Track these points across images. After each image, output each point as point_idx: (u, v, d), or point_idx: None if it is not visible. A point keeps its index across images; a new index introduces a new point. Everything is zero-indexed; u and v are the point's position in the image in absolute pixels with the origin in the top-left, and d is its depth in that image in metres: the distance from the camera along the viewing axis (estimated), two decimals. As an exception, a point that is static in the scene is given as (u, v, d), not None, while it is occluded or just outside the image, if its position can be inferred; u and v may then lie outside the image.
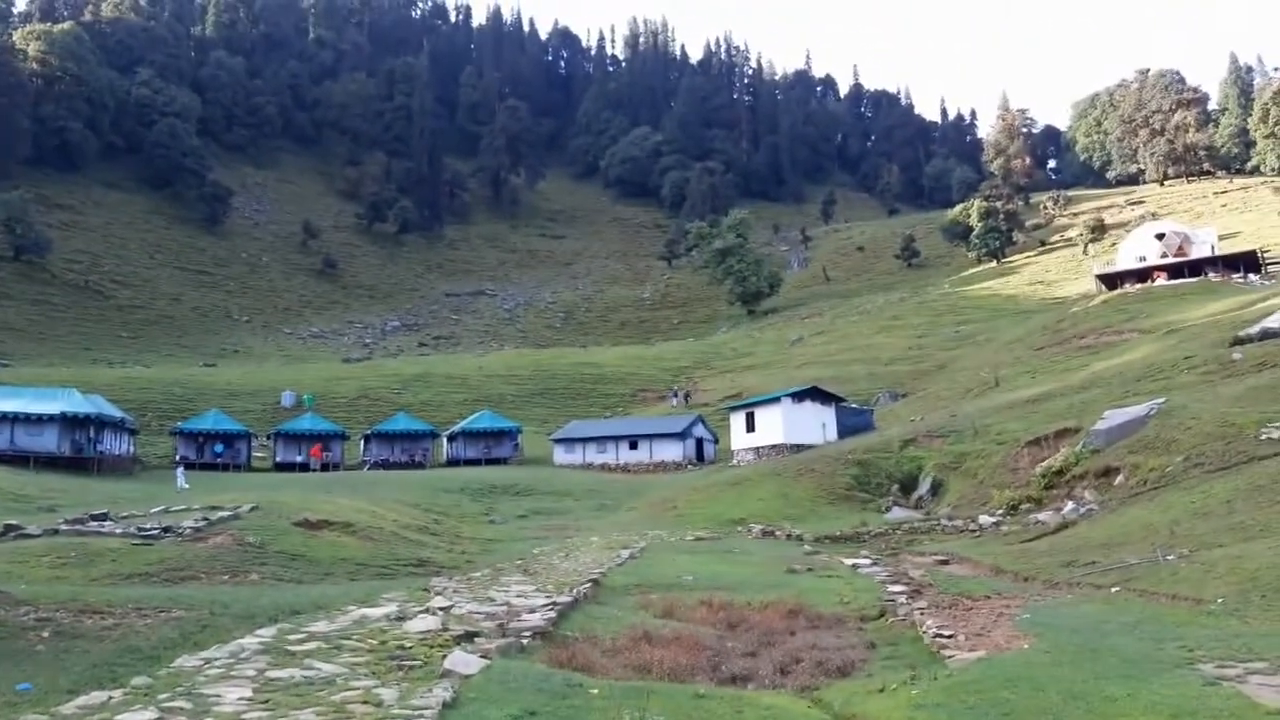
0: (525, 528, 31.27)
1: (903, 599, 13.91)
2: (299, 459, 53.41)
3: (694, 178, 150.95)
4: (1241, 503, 17.11)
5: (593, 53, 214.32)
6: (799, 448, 42.85)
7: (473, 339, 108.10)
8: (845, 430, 44.66)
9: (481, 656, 9.04)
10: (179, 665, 8.54)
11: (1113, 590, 13.27)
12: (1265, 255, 69.63)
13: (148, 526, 21.11)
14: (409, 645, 9.63)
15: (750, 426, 46.71)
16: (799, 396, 46.00)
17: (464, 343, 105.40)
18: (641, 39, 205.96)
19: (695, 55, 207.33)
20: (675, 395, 69.22)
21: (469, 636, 10.26)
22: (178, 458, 48.27)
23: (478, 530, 29.96)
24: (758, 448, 45.71)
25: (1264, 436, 21.12)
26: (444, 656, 8.88)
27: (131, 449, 49.38)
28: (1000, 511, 25.41)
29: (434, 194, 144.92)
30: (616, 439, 54.52)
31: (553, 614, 12.11)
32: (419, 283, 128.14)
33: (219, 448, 52.53)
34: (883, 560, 20.63)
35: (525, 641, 10.45)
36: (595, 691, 8.09)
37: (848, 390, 54.27)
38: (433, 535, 26.39)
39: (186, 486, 37.28)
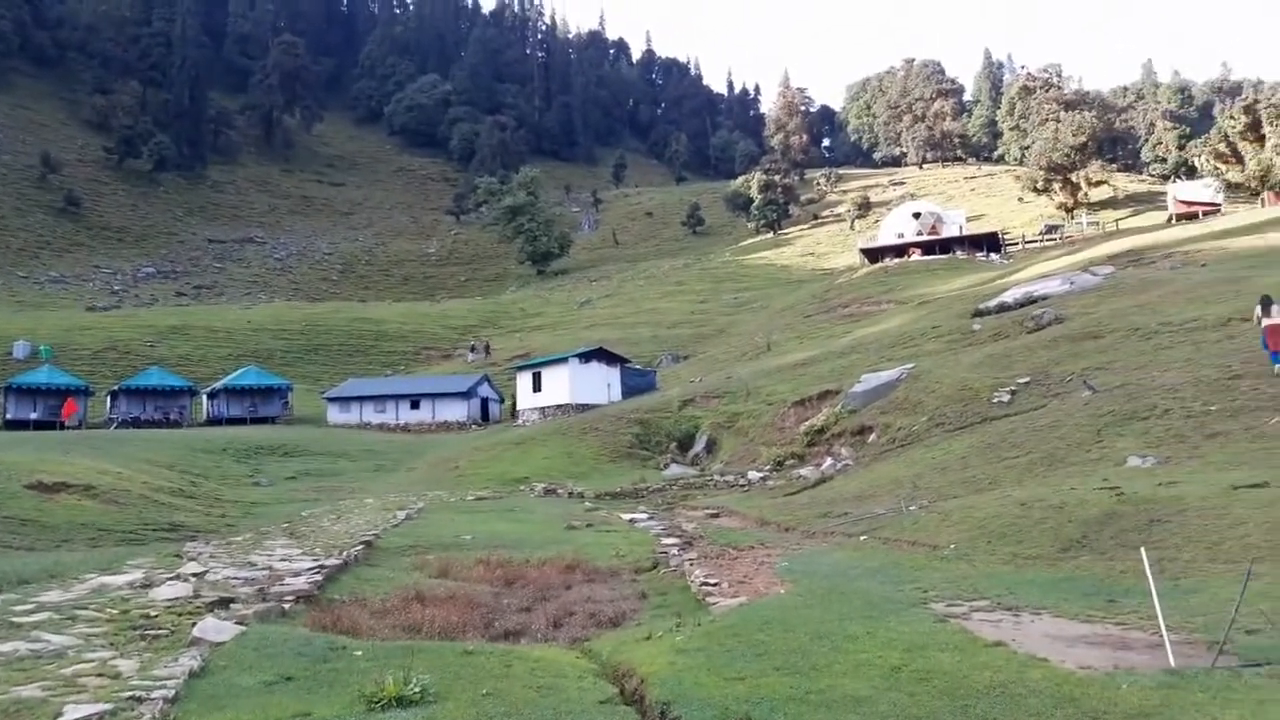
0: (294, 490, 29.75)
1: (675, 551, 14.40)
2: (34, 416, 48.01)
3: (484, 131, 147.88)
4: (975, 458, 18.97)
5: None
6: (584, 407, 43.36)
7: (239, 289, 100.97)
8: (629, 391, 45.64)
9: (237, 623, 8.48)
10: None
11: (861, 538, 14.35)
12: (1005, 237, 77.30)
13: None
14: (155, 614, 8.85)
15: (537, 386, 46.74)
16: (586, 357, 46.46)
17: (229, 293, 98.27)
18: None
19: (488, 6, 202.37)
20: (474, 349, 68.02)
21: (224, 603, 9.59)
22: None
23: (241, 493, 28.18)
24: (544, 408, 45.85)
25: (995, 400, 23.51)
26: (194, 624, 8.25)
27: None
28: (768, 467, 26.88)
29: (196, 130, 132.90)
30: (397, 398, 52.94)
31: (319, 577, 11.59)
32: (177, 226, 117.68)
33: (-66, 403, 46.39)
34: (659, 515, 21.31)
35: (287, 606, 9.90)
36: (359, 654, 7.79)
37: (633, 352, 55.42)
38: (189, 498, 24.55)
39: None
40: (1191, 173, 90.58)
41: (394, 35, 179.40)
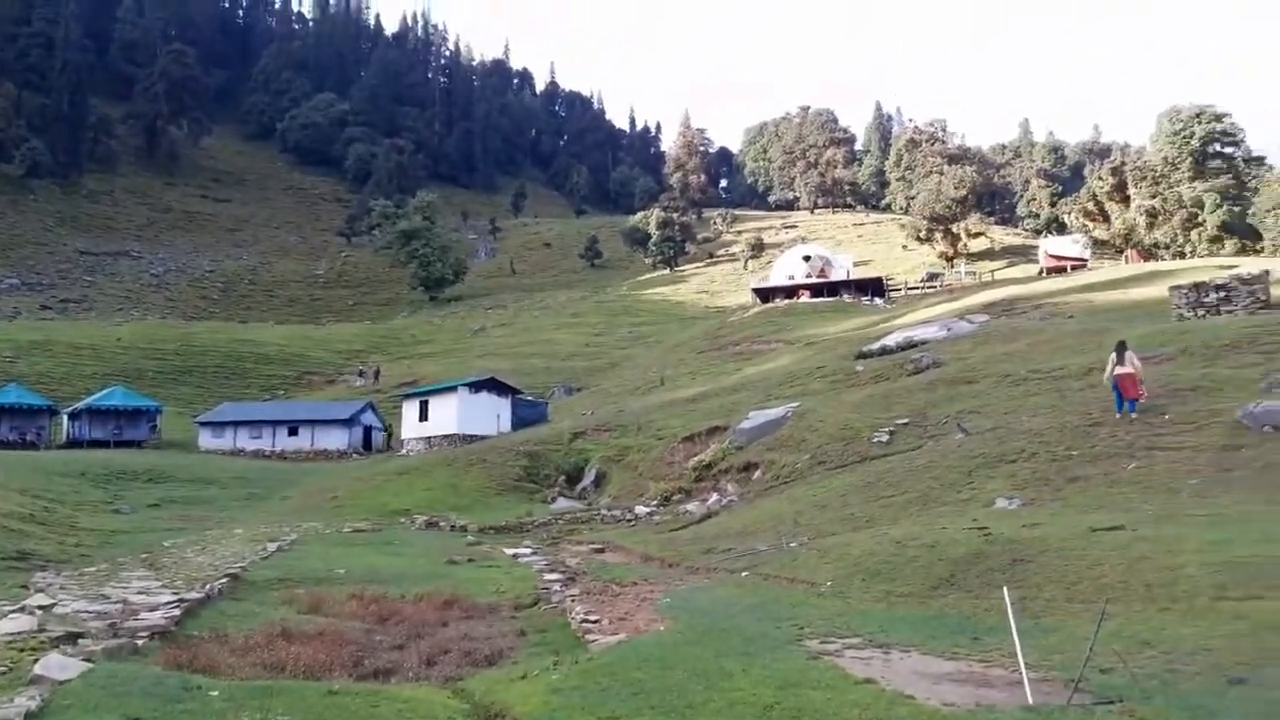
0: (158, 518, 28.18)
1: (557, 587, 14.22)
2: None
3: (381, 153, 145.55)
4: (854, 496, 19.41)
5: (278, 6, 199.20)
6: (472, 438, 42.66)
7: (109, 305, 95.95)
8: (520, 422, 45.17)
9: (84, 660, 7.92)
10: None
11: (743, 575, 14.46)
12: (889, 282, 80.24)
13: None
14: (-7, 650, 8.20)
15: (424, 415, 45.77)
16: (476, 387, 45.81)
17: (99, 308, 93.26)
18: (333, 1, 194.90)
19: (390, 27, 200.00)
20: (363, 374, 66.14)
21: (71, 638, 8.96)
22: None
23: (100, 521, 26.50)
24: (430, 437, 44.89)
25: (875, 439, 24.18)
26: (36, 661, 7.67)
27: None
28: (655, 502, 26.92)
29: (74, 137, 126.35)
30: (274, 424, 51.03)
31: (178, 612, 10.99)
32: (47, 236, 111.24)
33: None
34: (543, 549, 21.03)
35: (140, 642, 9.32)
36: (215, 694, 7.40)
37: (525, 383, 54.97)
38: (40, 525, 22.93)
39: None
40: (1062, 229, 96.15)
41: (291, 51, 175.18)
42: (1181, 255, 79.54)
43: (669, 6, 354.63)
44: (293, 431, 50.56)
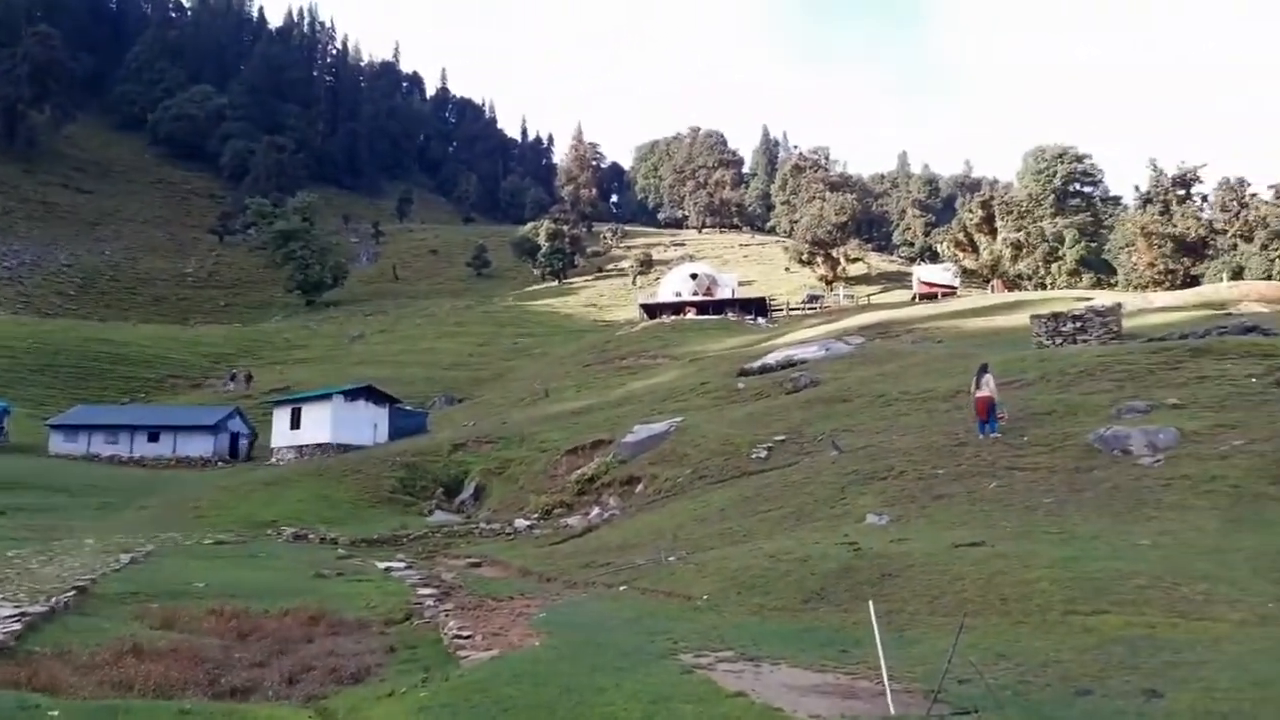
0: (1, 527, 26.22)
1: (431, 602, 13.89)
2: None
3: (260, 151, 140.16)
4: (732, 511, 19.70)
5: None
6: (347, 448, 41.40)
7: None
8: (398, 432, 44.08)
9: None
10: None
11: (621, 589, 14.45)
12: (772, 302, 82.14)
13: None
14: None
15: (296, 423, 44.13)
16: (352, 395, 44.49)
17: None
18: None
19: (275, 21, 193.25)
20: (234, 378, 63.22)
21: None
22: None
23: (-69, 529, 24.48)
24: (302, 446, 43.33)
25: (754, 455, 24.62)
26: None
27: None
28: (535, 515, 26.68)
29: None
30: (133, 429, 48.28)
31: (18, 626, 10.34)
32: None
33: None
34: (418, 564, 20.55)
35: (-28, 661, 8.65)
36: (56, 713, 6.95)
37: (405, 392, 53.73)
38: None
39: None
40: (934, 257, 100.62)
41: (167, 39, 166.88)
42: (1043, 286, 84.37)
43: (565, 21, 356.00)
44: (153, 437, 47.94)
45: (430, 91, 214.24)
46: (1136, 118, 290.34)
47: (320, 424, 43.02)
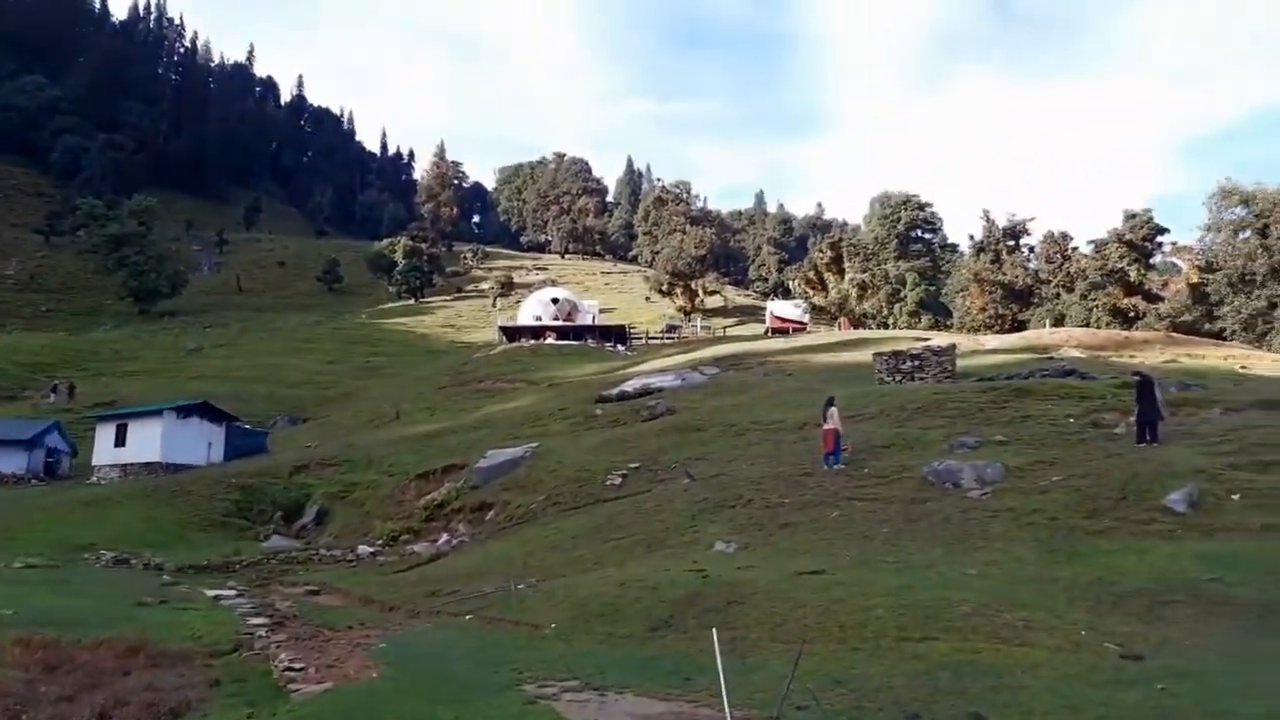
0: None
1: (262, 632, 13.16)
2: None
3: (96, 149, 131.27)
4: (585, 538, 19.61)
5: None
6: (178, 468, 38.93)
7: None
8: (235, 452, 41.79)
9: None
10: None
11: (467, 618, 14.09)
12: (632, 330, 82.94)
13: None
14: None
15: (121, 440, 41.13)
16: (185, 411, 41.91)
17: None
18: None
19: (118, 14, 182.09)
20: (56, 389, 58.32)
21: None
22: None
23: None
24: (128, 465, 40.41)
25: (608, 482, 24.64)
26: None
27: None
28: (380, 542, 25.79)
29: None
30: (-66, 441, 43.85)
31: None
32: None
33: None
34: (250, 591, 19.46)
35: None
36: None
37: (245, 410, 51.09)
38: None
39: None
40: (787, 293, 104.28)
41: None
42: (886, 325, 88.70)
43: (431, 38, 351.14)
44: (-43, 452, 43.64)
45: (286, 98, 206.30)
46: (974, 169, 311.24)
47: (149, 442, 40.28)
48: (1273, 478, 16.08)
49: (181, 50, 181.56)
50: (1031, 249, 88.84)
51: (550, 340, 73.15)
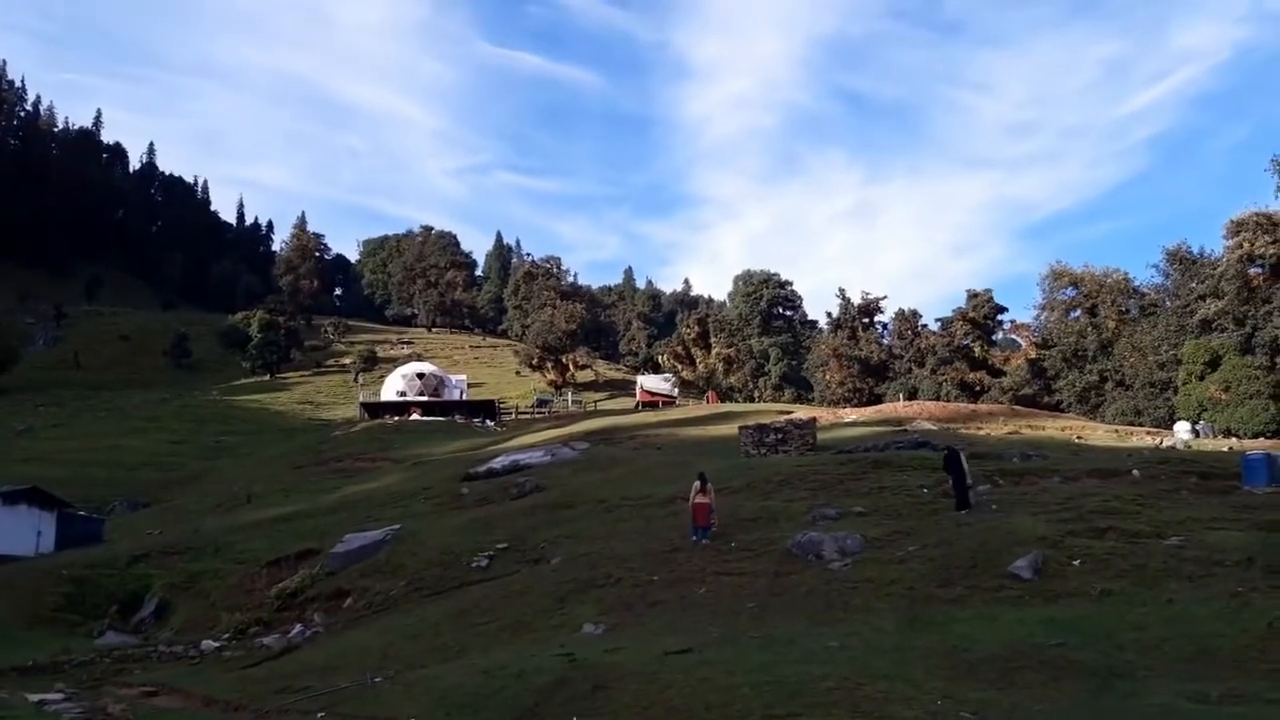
0: None
1: (87, 743, 11.98)
2: None
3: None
4: (448, 625, 18.90)
5: None
6: (2, 559, 35.56)
7: None
8: (67, 541, 38.59)
9: None
10: None
11: (319, 715, 13.28)
12: (501, 406, 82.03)
13: None
14: None
15: (-66, 530, 37.42)
16: (11, 498, 38.56)
17: None
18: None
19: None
20: None
21: None
22: None
23: None
24: (-60, 557, 36.72)
25: (474, 564, 23.96)
26: None
27: None
28: (227, 635, 24.13)
29: None
30: None
31: None
32: None
33: None
34: (80, 694, 17.76)
35: None
36: None
37: (81, 495, 47.50)
38: None
39: None
40: (656, 368, 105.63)
41: None
42: (751, 399, 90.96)
43: (292, 108, 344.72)
44: None
45: (136, 165, 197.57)
46: (832, 248, 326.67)
47: (-33, 532, 36.77)
48: (1108, 543, 17.13)
49: (22, 114, 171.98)
50: (885, 326, 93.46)
51: (415, 416, 71.55)
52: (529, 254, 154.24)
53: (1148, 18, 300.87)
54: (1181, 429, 44.30)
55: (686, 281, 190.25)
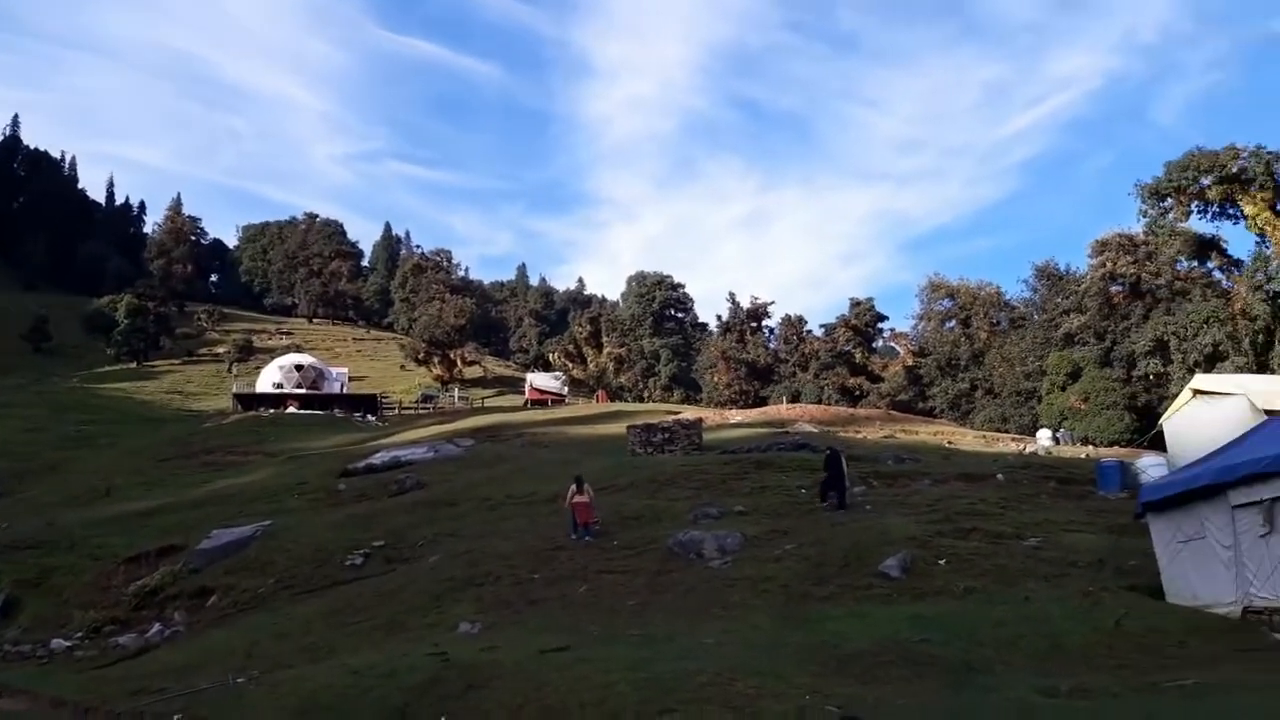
0: None
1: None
2: None
3: None
4: (318, 624, 18.28)
5: None
6: None
7: None
8: (-100, 534, 35.69)
9: None
10: None
11: (176, 718, 12.63)
12: (384, 399, 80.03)
13: None
14: None
15: None
16: None
17: None
18: None
19: None
20: None
21: None
22: None
23: None
24: None
25: (348, 562, 23.27)
26: None
27: None
28: (80, 634, 22.72)
29: None
30: None
31: None
32: None
33: None
34: (-95, 702, 16.44)
35: None
36: None
37: (-83, 485, 44.01)
38: None
39: None
40: (547, 365, 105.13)
41: None
42: (641, 399, 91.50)
43: (170, 84, 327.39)
44: None
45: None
46: (724, 252, 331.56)
47: None
48: (972, 543, 17.88)
49: None
50: (772, 330, 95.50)
51: (292, 409, 69.12)
52: (419, 246, 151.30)
53: (1028, 44, 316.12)
54: (1043, 436, 46.69)
55: (581, 280, 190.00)
